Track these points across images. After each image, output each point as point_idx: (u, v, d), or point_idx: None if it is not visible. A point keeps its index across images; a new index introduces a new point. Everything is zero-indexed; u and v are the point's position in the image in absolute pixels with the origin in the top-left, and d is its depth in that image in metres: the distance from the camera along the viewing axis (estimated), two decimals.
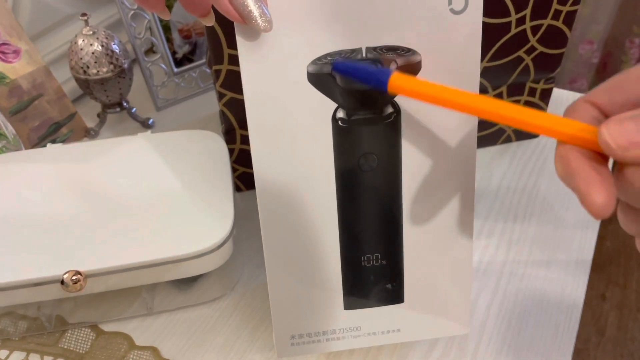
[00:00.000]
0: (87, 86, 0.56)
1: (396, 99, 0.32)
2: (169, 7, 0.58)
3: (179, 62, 0.63)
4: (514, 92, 0.53)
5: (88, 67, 0.54)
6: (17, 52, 0.54)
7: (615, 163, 0.23)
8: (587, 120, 0.24)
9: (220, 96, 0.46)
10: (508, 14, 0.45)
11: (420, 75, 0.31)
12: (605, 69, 1.50)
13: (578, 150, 0.23)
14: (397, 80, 0.28)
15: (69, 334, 0.42)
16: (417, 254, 0.35)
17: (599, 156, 0.23)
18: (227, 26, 0.41)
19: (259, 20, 0.28)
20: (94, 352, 0.41)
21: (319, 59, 0.30)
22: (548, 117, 0.24)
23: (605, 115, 0.24)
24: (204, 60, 0.65)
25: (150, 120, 0.62)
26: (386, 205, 0.34)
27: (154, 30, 0.59)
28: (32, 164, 0.45)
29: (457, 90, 0.26)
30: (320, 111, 0.31)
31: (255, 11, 0.27)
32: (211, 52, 0.43)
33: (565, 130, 0.23)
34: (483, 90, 0.52)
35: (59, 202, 0.41)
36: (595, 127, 0.22)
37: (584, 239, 0.48)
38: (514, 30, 0.47)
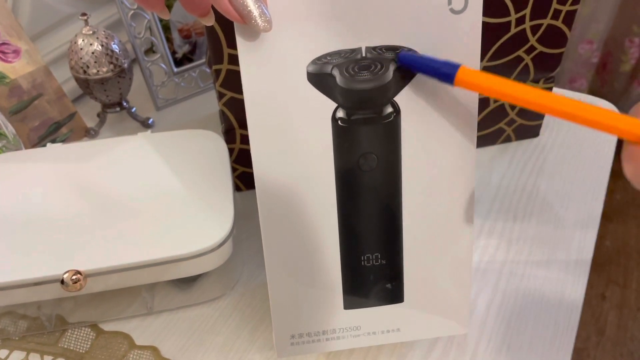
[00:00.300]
0: (87, 86, 0.56)
1: (398, 98, 0.32)
2: (169, 7, 0.58)
3: (178, 62, 0.63)
4: None
5: (88, 66, 0.54)
6: (17, 52, 0.54)
7: None
8: None
9: (220, 96, 0.46)
10: (508, 14, 0.46)
11: (419, 75, 0.31)
12: (605, 69, 1.50)
13: None
14: (464, 74, 0.28)
15: (69, 334, 0.42)
16: (417, 254, 0.35)
17: None
18: (227, 26, 0.41)
19: (259, 20, 0.28)
20: (94, 352, 0.41)
21: (318, 58, 0.30)
22: (617, 117, 0.24)
23: None
24: (203, 60, 0.65)
25: (150, 120, 0.62)
26: (386, 205, 0.34)
27: (154, 30, 0.59)
28: (32, 164, 0.45)
29: (525, 87, 0.26)
30: (320, 111, 0.31)
31: (254, 11, 0.27)
32: (211, 52, 0.43)
33: (635, 131, 0.23)
34: None
35: (58, 201, 0.41)
36: None
37: (584, 239, 0.48)
38: (513, 30, 0.47)
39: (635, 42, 1.40)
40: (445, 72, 0.29)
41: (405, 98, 0.32)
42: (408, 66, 0.31)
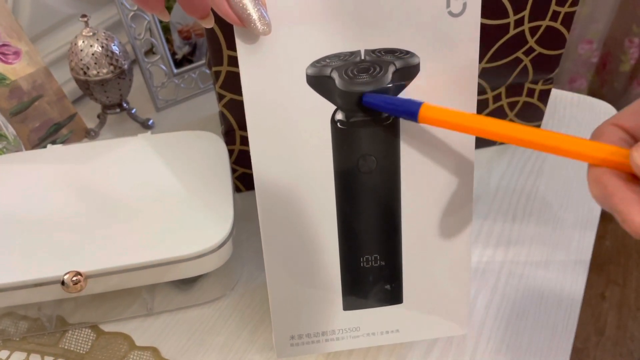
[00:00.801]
0: (87, 87, 0.56)
1: None
2: (169, 9, 0.58)
3: (178, 63, 0.63)
4: (513, 92, 0.53)
5: (88, 68, 0.54)
6: (17, 54, 0.54)
7: None
8: (615, 142, 0.24)
9: (220, 97, 0.46)
10: (506, 15, 0.46)
11: (419, 77, 0.31)
12: (604, 69, 1.50)
13: (611, 172, 0.23)
14: (426, 111, 0.29)
15: (69, 335, 0.42)
16: (416, 255, 0.35)
17: (633, 176, 0.23)
18: (226, 27, 0.41)
19: (258, 24, 0.28)
20: (94, 353, 0.41)
21: (317, 61, 0.30)
22: (578, 142, 0.24)
23: (633, 137, 0.25)
24: (203, 61, 0.65)
25: (150, 121, 0.62)
26: (385, 207, 0.34)
27: (154, 31, 0.59)
28: (32, 165, 0.45)
29: (488, 119, 0.27)
30: (320, 113, 0.32)
31: (254, 14, 0.28)
32: (211, 54, 0.43)
33: (597, 155, 0.24)
34: (481, 91, 0.52)
35: (59, 203, 0.42)
36: (625, 149, 0.23)
37: (583, 239, 0.48)
38: (512, 32, 0.47)
39: (635, 42, 1.40)
40: (408, 111, 0.30)
41: None
42: (373, 107, 0.31)
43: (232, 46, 0.43)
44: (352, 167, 0.33)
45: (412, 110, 0.30)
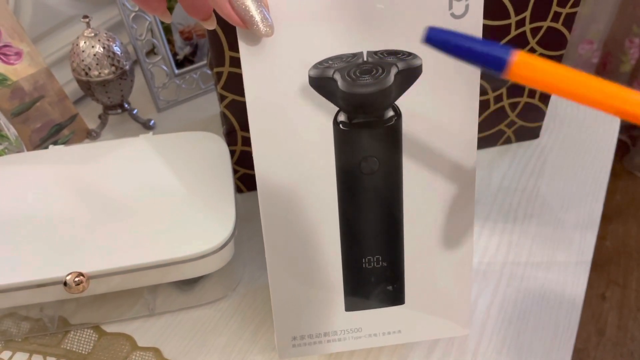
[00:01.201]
0: (88, 88, 0.56)
1: (399, 102, 0.32)
2: (170, 9, 0.58)
3: (180, 64, 0.63)
4: (514, 93, 0.53)
5: (90, 68, 0.54)
6: (18, 54, 0.54)
7: None
8: None
9: (222, 98, 0.46)
10: (508, 17, 0.46)
11: (420, 79, 0.31)
12: (605, 69, 1.50)
13: None
14: (523, 57, 0.21)
15: (71, 335, 0.42)
16: (418, 256, 0.35)
17: None
18: (228, 28, 0.41)
19: (261, 25, 0.28)
20: (96, 353, 0.41)
21: (320, 63, 0.30)
22: None
23: None
24: (204, 62, 0.65)
25: (152, 122, 0.62)
26: (387, 208, 0.34)
27: (155, 31, 0.59)
28: (34, 166, 0.45)
29: (597, 83, 0.22)
30: (322, 114, 0.32)
31: (256, 16, 0.28)
32: (212, 55, 0.43)
33: None
34: (483, 92, 0.52)
35: (61, 203, 0.42)
36: None
37: (584, 240, 0.49)
38: (513, 33, 0.47)
39: (635, 42, 1.40)
40: (493, 57, 0.22)
41: (406, 102, 0.32)
42: (438, 46, 0.23)
43: (233, 47, 0.43)
44: (354, 169, 0.33)
45: (499, 57, 0.22)
